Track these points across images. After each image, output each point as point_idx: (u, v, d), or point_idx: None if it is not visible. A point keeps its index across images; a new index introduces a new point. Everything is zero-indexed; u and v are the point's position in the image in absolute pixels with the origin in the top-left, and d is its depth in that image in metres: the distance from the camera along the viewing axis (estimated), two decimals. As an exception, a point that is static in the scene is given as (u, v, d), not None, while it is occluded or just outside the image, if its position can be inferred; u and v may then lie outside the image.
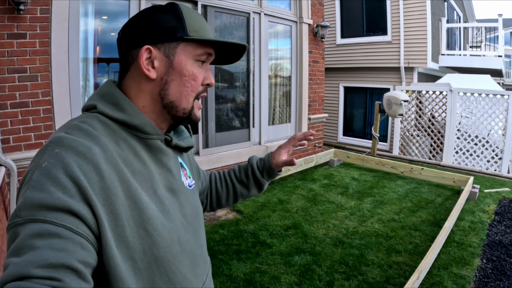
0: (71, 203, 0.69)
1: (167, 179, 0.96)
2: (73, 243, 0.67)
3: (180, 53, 0.92)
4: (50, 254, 0.62)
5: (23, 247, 0.63)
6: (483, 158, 8.29)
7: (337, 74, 12.56)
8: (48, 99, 3.82)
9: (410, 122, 9.44)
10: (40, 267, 0.60)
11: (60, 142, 0.75)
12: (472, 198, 5.67)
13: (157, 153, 0.95)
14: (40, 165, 0.72)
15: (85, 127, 0.81)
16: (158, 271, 0.85)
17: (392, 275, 3.57)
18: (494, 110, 8.19)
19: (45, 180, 0.70)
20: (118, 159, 0.83)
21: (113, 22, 4.47)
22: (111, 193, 0.77)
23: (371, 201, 5.52)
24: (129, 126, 0.89)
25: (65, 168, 0.71)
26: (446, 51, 11.79)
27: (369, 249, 4.06)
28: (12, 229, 0.67)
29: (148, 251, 0.83)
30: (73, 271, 0.64)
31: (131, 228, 0.80)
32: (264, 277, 3.46)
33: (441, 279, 3.48)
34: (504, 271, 3.69)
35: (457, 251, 4.03)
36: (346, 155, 7.70)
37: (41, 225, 0.65)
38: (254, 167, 1.40)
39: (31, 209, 0.67)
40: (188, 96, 0.95)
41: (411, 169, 6.72)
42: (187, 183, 1.08)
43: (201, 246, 1.07)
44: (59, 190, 0.69)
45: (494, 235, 4.48)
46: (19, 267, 0.60)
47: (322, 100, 8.16)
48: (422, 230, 4.56)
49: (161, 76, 0.92)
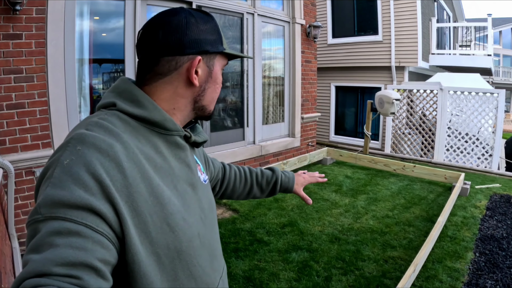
0: (92, 201, 0.69)
1: (186, 174, 0.98)
2: (93, 241, 0.67)
3: (216, 63, 1.00)
4: (70, 253, 0.63)
5: (43, 244, 0.64)
6: (473, 155, 8.39)
7: (329, 73, 12.64)
8: (44, 100, 3.81)
9: (401, 121, 9.54)
10: (60, 265, 0.61)
11: (81, 139, 0.76)
12: (463, 194, 5.75)
13: (176, 149, 0.97)
14: (61, 162, 0.72)
15: (106, 124, 0.82)
16: (180, 265, 0.87)
17: (388, 269, 3.63)
18: (484, 108, 8.30)
19: (66, 178, 0.70)
20: (140, 156, 0.83)
21: (107, 23, 4.49)
22: (133, 190, 0.78)
23: (365, 198, 5.58)
24: (149, 122, 0.90)
25: (87, 166, 0.72)
26: (436, 51, 11.90)
27: (364, 244, 4.12)
28: (32, 226, 0.67)
29: (172, 245, 0.84)
30: (93, 270, 0.65)
31: (154, 223, 0.81)
32: (263, 274, 3.50)
33: (436, 273, 3.55)
34: (497, 263, 3.77)
35: (451, 245, 4.11)
36: (339, 154, 7.76)
37: (61, 223, 0.66)
38: (278, 181, 1.55)
39: (51, 206, 0.67)
40: (215, 100, 1.04)
41: (403, 167, 6.79)
42: (203, 178, 1.09)
43: (217, 240, 1.11)
44: (81, 188, 0.69)
45: (486, 230, 4.56)
46: (39, 265, 0.61)
47: (314, 99, 8.22)
48: (415, 225, 4.63)
49: (201, 83, 0.97)
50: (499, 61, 30.51)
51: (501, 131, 8.24)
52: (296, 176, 1.61)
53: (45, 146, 3.85)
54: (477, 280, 3.49)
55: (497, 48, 29.35)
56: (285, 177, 1.56)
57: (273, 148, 7.03)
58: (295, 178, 1.59)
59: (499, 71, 28.83)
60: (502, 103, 8.14)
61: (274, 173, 1.56)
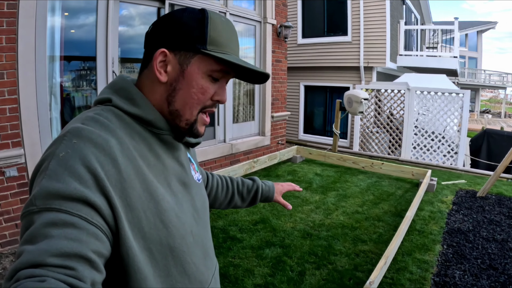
0: (87, 194, 0.69)
1: (179, 173, 0.98)
2: (87, 233, 0.67)
3: (194, 64, 0.89)
4: (65, 244, 0.62)
5: (37, 235, 0.63)
6: (439, 153, 8.60)
7: (298, 73, 12.72)
8: (14, 98, 3.64)
9: (369, 120, 9.69)
10: (54, 255, 0.60)
11: (77, 133, 0.76)
12: (430, 190, 5.88)
13: (169, 148, 0.97)
14: (57, 155, 0.72)
15: (102, 119, 0.82)
16: (173, 262, 0.87)
17: (360, 262, 3.67)
18: (450, 107, 8.52)
19: (62, 170, 0.70)
20: (134, 152, 0.84)
21: (80, 20, 4.38)
22: (127, 186, 0.78)
23: (334, 195, 5.64)
24: (143, 120, 0.90)
25: (82, 159, 0.72)
26: (404, 52, 12.13)
27: (336, 239, 4.16)
28: (26, 217, 0.67)
29: (165, 241, 0.84)
30: (87, 261, 0.64)
31: (148, 219, 0.81)
32: (238, 270, 3.49)
33: (406, 265, 3.62)
34: (464, 255, 3.87)
35: (419, 238, 4.19)
36: (308, 152, 7.82)
37: (57, 214, 0.65)
38: (259, 190, 1.52)
39: (47, 198, 0.67)
40: (192, 108, 0.92)
41: (371, 164, 6.90)
42: (196, 177, 1.09)
43: (210, 239, 1.10)
44: (76, 180, 0.69)
45: (453, 223, 4.67)
46: (33, 255, 0.60)
47: (284, 98, 8.26)
48: (385, 220, 4.71)
49: (171, 81, 0.90)
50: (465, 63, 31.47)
51: (466, 130, 8.48)
52: (275, 184, 1.60)
53: (15, 145, 3.67)
54: (446, 271, 3.57)
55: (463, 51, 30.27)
56: (265, 186, 1.55)
57: (244, 146, 7.02)
58: (276, 187, 1.59)
59: (464, 72, 29.68)
60: (467, 103, 8.38)
61: (254, 182, 1.54)
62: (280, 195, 1.59)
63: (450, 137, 8.53)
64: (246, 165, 6.29)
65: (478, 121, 27.39)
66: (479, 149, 10.62)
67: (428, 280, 3.40)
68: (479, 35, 33.05)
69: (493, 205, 5.41)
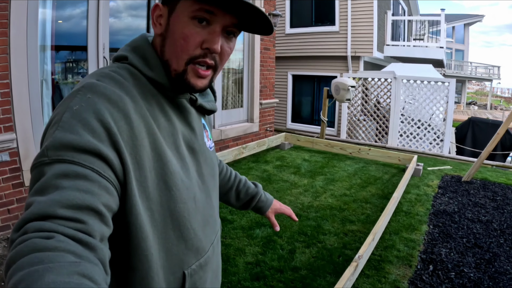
0: (100, 147, 0.68)
1: (189, 137, 0.97)
2: (99, 186, 0.66)
3: (178, 10, 0.85)
4: (76, 195, 0.61)
5: (48, 186, 0.62)
6: (425, 140, 8.71)
7: (286, 62, 12.75)
8: (6, 83, 3.57)
9: (356, 108, 9.77)
10: (65, 207, 0.59)
11: (92, 88, 0.75)
12: (416, 175, 5.97)
13: (182, 111, 0.96)
14: (71, 108, 0.71)
15: (117, 77, 0.81)
16: (172, 225, 0.86)
17: (348, 241, 3.73)
18: (436, 96, 8.62)
19: (75, 122, 0.69)
20: (147, 112, 0.83)
21: (70, 8, 4.32)
22: (138, 143, 0.78)
23: (323, 179, 5.69)
24: (155, 82, 0.89)
25: (96, 113, 0.71)
26: (391, 42, 12.23)
27: (324, 220, 4.22)
28: (37, 168, 0.66)
29: (165, 204, 0.84)
30: (97, 214, 0.63)
31: (152, 179, 0.81)
32: (229, 250, 3.53)
33: (394, 243, 3.69)
34: (450, 234, 3.95)
35: (406, 219, 4.27)
36: (296, 139, 7.87)
37: (69, 166, 0.64)
38: (257, 196, 1.47)
39: (59, 149, 0.65)
40: (178, 57, 0.87)
41: (359, 150, 6.97)
42: (208, 145, 1.08)
43: (213, 207, 1.07)
44: (89, 133, 0.68)
45: (439, 205, 4.76)
46: (43, 206, 0.58)
47: (273, 86, 8.29)
48: (372, 202, 4.78)
49: (162, 32, 0.89)
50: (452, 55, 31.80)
51: (452, 118, 8.59)
52: (274, 201, 1.53)
53: (7, 130, 3.62)
54: (432, 248, 3.65)
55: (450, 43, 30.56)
56: (264, 196, 1.49)
57: (232, 132, 7.04)
58: (274, 203, 1.53)
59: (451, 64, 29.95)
60: (453, 92, 8.49)
61: (256, 188, 1.49)
62: (274, 213, 1.52)
63: (436, 125, 8.64)
64: (235, 151, 6.31)
65: (464, 112, 27.68)
66: (464, 137, 10.78)
67: (415, 257, 3.48)
68: (466, 28, 33.36)
69: (478, 189, 5.51)
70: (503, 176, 6.35)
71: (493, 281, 3.14)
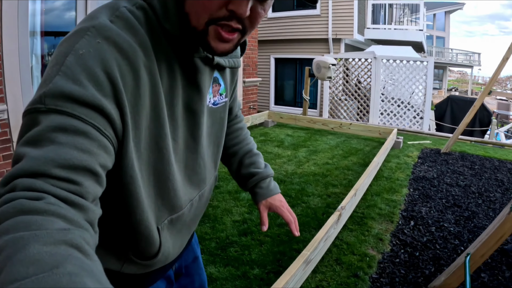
0: (104, 103, 0.62)
1: (191, 98, 0.87)
2: (98, 145, 0.61)
3: None
4: (74, 155, 0.56)
5: (43, 138, 0.56)
6: (406, 118, 8.85)
7: (269, 46, 12.78)
8: None
9: (338, 88, 9.85)
10: (61, 166, 0.54)
11: (104, 32, 0.66)
12: (397, 147, 6.09)
13: (191, 71, 0.85)
14: (76, 51, 0.63)
15: (133, 21, 0.71)
16: (154, 183, 0.84)
17: (332, 202, 3.82)
18: (415, 75, 8.75)
19: (80, 70, 0.61)
20: (156, 68, 0.75)
21: None
22: (141, 103, 0.72)
23: (305, 151, 5.77)
24: (169, 35, 0.77)
25: (104, 63, 0.64)
26: (371, 25, 12.35)
27: (308, 184, 4.29)
28: (31, 115, 0.59)
29: (152, 164, 0.81)
30: (93, 175, 0.59)
31: (145, 140, 0.77)
32: (217, 211, 3.58)
33: (375, 203, 3.79)
34: (430, 195, 4.07)
35: (387, 183, 4.37)
36: (280, 116, 7.93)
37: (68, 119, 0.58)
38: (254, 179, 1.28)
39: (59, 98, 0.58)
40: (198, 14, 0.72)
41: (340, 125, 7.10)
42: (214, 101, 0.97)
43: (203, 166, 1.01)
44: (94, 85, 0.62)
45: (418, 172, 4.87)
46: (36, 163, 0.53)
47: (255, 65, 8.34)
48: (354, 169, 4.87)
49: None
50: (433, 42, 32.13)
51: (431, 96, 8.76)
52: (277, 196, 1.29)
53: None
54: (413, 207, 3.75)
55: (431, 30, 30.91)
56: (268, 183, 1.28)
57: (215, 109, 7.05)
58: (275, 197, 1.28)
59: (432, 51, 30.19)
60: (431, 70, 8.63)
61: (265, 168, 1.30)
62: (268, 209, 1.27)
63: (416, 103, 8.79)
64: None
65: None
66: (443, 114, 11.00)
67: (396, 214, 3.58)
68: (447, 16, 33.68)
69: (457, 159, 5.65)
70: (481, 149, 6.51)
71: (472, 234, 3.26)
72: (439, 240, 3.15)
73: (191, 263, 1.25)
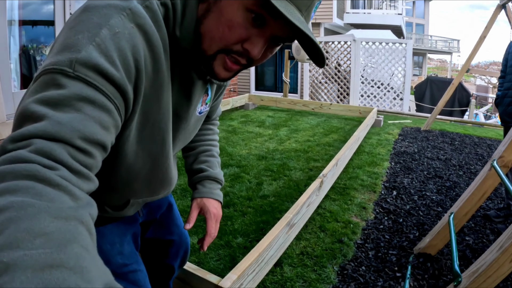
0: (128, 87, 0.64)
1: (179, 104, 0.89)
2: (115, 124, 0.62)
3: None
4: (98, 130, 0.57)
5: (68, 104, 0.54)
6: (386, 100, 8.89)
7: (248, 31, 12.72)
8: None
9: (318, 71, 9.83)
10: (85, 139, 0.54)
11: (139, 19, 0.66)
12: (377, 125, 6.11)
13: (186, 80, 0.86)
14: (112, 27, 0.62)
15: (159, 17, 0.71)
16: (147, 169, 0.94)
17: (314, 174, 3.79)
18: (394, 57, 8.78)
19: (114, 49, 0.61)
20: (168, 65, 0.76)
21: None
22: (154, 94, 0.75)
23: (286, 130, 5.74)
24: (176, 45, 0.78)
25: (135, 50, 0.64)
26: (351, 10, 12.36)
27: (290, 159, 4.26)
28: (53, 75, 0.56)
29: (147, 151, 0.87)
30: (104, 151, 0.60)
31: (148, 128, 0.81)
32: (198, 185, 3.54)
33: (358, 175, 3.78)
34: (411, 168, 4.08)
35: (368, 157, 4.37)
36: (260, 98, 7.89)
37: (97, 94, 0.58)
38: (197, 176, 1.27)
39: (90, 69, 0.57)
40: (213, 40, 0.74)
41: (320, 106, 7.09)
42: (199, 110, 1.01)
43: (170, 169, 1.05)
44: (123, 68, 0.62)
45: (399, 148, 4.89)
46: (62, 128, 0.52)
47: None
48: (335, 146, 4.86)
49: (210, 1, 0.74)
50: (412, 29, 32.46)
51: (410, 78, 8.80)
52: (215, 203, 1.25)
53: None
54: (395, 179, 3.75)
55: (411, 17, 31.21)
56: (208, 184, 1.26)
57: (195, 91, 6.97)
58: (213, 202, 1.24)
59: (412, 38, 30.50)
60: (410, 52, 8.66)
61: (217, 173, 1.29)
62: (199, 209, 1.22)
63: (396, 85, 8.83)
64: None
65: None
66: (423, 95, 11.09)
67: (378, 185, 3.57)
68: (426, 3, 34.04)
69: (437, 136, 5.69)
70: (461, 128, 6.57)
71: (454, 201, 3.26)
72: (422, 207, 3.15)
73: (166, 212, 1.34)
